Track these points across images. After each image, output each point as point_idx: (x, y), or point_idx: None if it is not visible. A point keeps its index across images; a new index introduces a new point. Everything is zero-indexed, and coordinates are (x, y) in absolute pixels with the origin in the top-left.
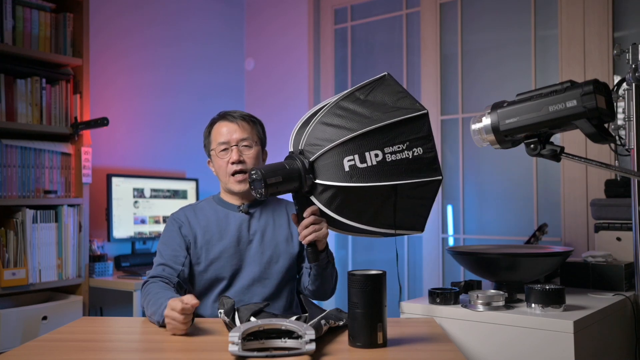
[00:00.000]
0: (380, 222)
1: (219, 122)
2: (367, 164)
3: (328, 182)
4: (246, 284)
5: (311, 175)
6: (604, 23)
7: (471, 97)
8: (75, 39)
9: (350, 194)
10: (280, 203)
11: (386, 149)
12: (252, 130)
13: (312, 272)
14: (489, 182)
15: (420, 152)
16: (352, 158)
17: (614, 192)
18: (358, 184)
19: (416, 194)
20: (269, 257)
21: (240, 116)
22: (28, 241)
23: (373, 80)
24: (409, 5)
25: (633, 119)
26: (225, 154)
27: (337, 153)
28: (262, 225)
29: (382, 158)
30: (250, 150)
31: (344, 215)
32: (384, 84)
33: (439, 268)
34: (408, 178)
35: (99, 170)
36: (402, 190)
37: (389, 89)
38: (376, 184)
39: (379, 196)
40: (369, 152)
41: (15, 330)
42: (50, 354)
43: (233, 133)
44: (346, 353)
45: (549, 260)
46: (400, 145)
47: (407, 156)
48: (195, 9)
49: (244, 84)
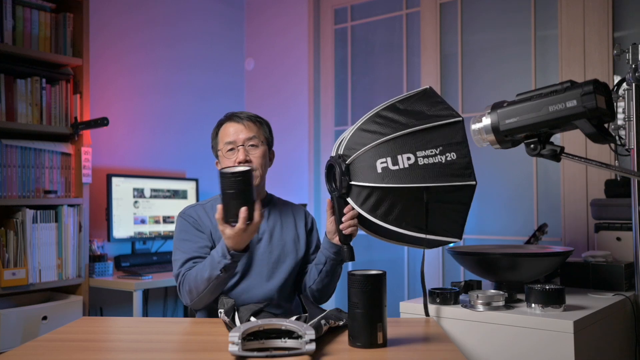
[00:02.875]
0: (412, 224)
1: (226, 122)
2: (399, 166)
3: (361, 183)
4: (253, 283)
5: (347, 177)
6: (604, 23)
7: (471, 97)
8: (75, 39)
9: (382, 194)
10: (287, 205)
11: (419, 152)
12: (259, 130)
13: (324, 269)
14: (489, 182)
15: (454, 157)
16: (385, 160)
17: (614, 192)
18: (389, 184)
19: (449, 198)
20: (277, 257)
21: (246, 117)
22: (28, 241)
23: (415, 92)
24: (409, 5)
25: (633, 119)
26: (232, 154)
27: (371, 156)
28: (271, 226)
29: (414, 161)
30: (256, 150)
31: (377, 216)
32: (425, 96)
33: (439, 268)
34: (440, 181)
35: (99, 170)
36: (434, 193)
37: (429, 100)
38: (407, 185)
39: (410, 198)
40: (402, 155)
41: (15, 330)
42: (50, 354)
43: (239, 133)
44: (346, 353)
45: (549, 260)
46: (433, 150)
47: (440, 160)
48: (195, 9)
49: (244, 84)
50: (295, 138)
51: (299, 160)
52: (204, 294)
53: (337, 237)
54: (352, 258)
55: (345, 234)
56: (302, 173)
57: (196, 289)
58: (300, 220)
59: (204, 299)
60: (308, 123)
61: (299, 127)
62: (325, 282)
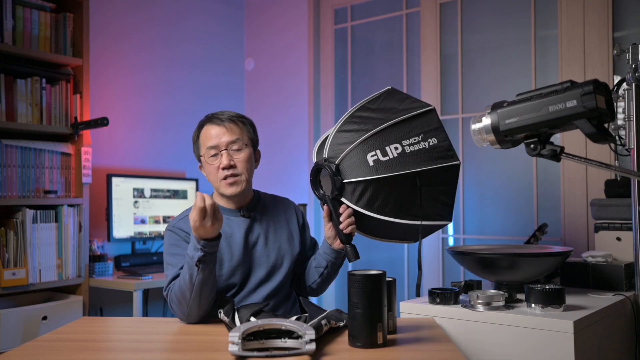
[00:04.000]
0: (408, 213)
1: (207, 125)
2: (389, 156)
3: (356, 178)
4: (253, 287)
5: (339, 177)
6: (604, 23)
7: (471, 97)
8: (75, 39)
9: (378, 186)
10: (276, 203)
11: (404, 141)
12: (242, 132)
13: (326, 272)
14: (489, 182)
15: (436, 142)
16: (375, 153)
17: (614, 192)
18: (384, 174)
19: (438, 180)
20: (275, 259)
21: (228, 118)
22: (28, 241)
23: (379, 93)
24: (409, 5)
25: (633, 119)
26: (215, 159)
27: (360, 151)
28: (264, 228)
29: (402, 150)
30: (240, 154)
31: (374, 210)
32: (390, 94)
33: (439, 268)
34: (429, 165)
35: (99, 170)
36: (424, 177)
37: (396, 97)
38: (400, 172)
39: (404, 185)
40: (389, 146)
41: (15, 330)
42: (50, 354)
43: (222, 136)
44: (346, 353)
45: (549, 260)
46: (416, 137)
47: (424, 146)
48: (195, 9)
49: (244, 84)
50: (295, 138)
51: (299, 160)
52: (192, 301)
53: (337, 241)
54: (357, 256)
55: (346, 233)
56: (302, 173)
57: (183, 297)
58: (291, 217)
59: (194, 309)
60: (308, 123)
61: (299, 127)
62: (325, 282)
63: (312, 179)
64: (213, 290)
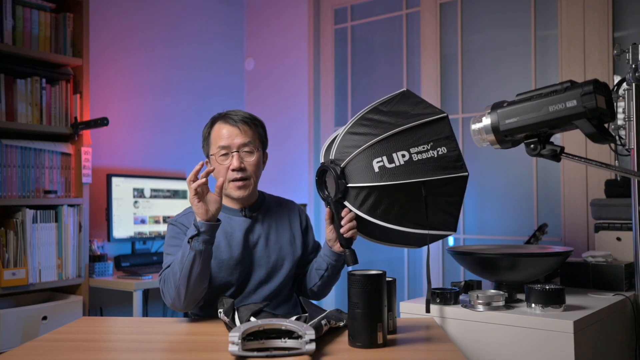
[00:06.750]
0: (412, 221)
1: (219, 123)
2: (395, 163)
3: (360, 184)
4: (252, 287)
5: (343, 181)
6: (604, 23)
7: (471, 97)
8: (75, 39)
9: (381, 193)
10: (280, 205)
11: (412, 149)
12: (254, 134)
13: (326, 274)
14: (489, 182)
15: (445, 151)
16: (381, 159)
17: (614, 192)
18: (388, 182)
19: (444, 191)
20: (275, 260)
21: (241, 119)
22: (28, 241)
23: (394, 95)
24: (409, 5)
25: (633, 119)
26: (225, 159)
27: (366, 156)
28: (266, 229)
29: (409, 158)
30: (251, 157)
31: (376, 216)
32: (404, 97)
33: (439, 268)
34: (435, 175)
35: (99, 170)
36: (430, 187)
37: (410, 100)
38: (405, 181)
39: (409, 194)
40: (396, 152)
41: (15, 330)
42: (50, 354)
43: (234, 137)
44: (346, 353)
45: (549, 260)
46: (425, 146)
47: (433, 155)
48: (195, 9)
49: (244, 84)
50: (295, 138)
51: (299, 160)
52: (180, 282)
53: (338, 244)
54: (355, 261)
55: (347, 237)
56: (302, 173)
57: (174, 277)
58: (294, 219)
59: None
60: (308, 123)
61: (299, 127)
62: (326, 285)
63: (318, 180)
64: (203, 277)
